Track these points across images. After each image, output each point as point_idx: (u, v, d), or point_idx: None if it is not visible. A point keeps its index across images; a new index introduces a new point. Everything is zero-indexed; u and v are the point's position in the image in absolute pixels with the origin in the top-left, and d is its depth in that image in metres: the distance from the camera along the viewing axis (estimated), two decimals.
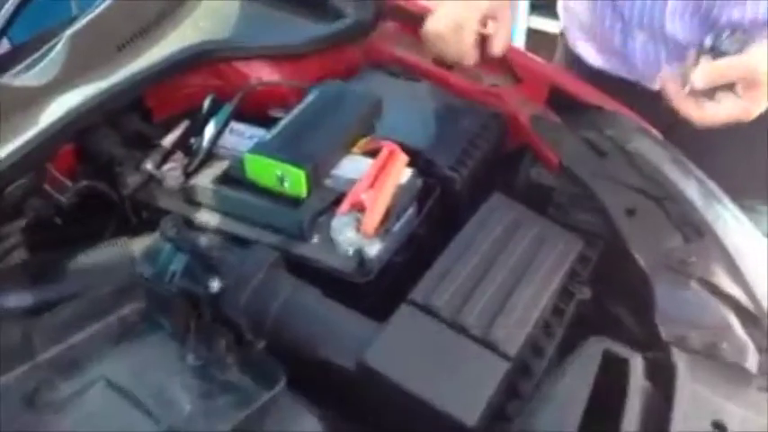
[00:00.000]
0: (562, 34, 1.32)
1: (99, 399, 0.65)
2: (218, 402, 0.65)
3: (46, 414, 0.64)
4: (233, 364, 0.67)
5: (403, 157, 0.88)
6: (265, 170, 0.85)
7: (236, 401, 0.65)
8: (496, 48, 1.03)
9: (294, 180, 0.84)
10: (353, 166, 0.89)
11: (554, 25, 2.46)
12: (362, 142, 0.91)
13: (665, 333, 0.76)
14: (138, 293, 0.73)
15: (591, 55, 1.24)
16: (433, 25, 1.03)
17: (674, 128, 0.96)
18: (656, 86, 1.09)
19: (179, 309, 0.70)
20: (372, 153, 0.89)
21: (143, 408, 0.63)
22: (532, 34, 2.52)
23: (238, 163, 0.87)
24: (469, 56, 1.03)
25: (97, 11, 0.92)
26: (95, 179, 0.88)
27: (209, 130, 0.92)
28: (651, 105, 0.99)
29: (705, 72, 0.88)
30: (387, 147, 0.88)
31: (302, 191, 0.84)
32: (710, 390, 0.70)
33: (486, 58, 1.05)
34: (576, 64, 1.27)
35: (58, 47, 0.87)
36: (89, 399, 0.65)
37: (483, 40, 1.04)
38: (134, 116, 0.95)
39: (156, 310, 0.72)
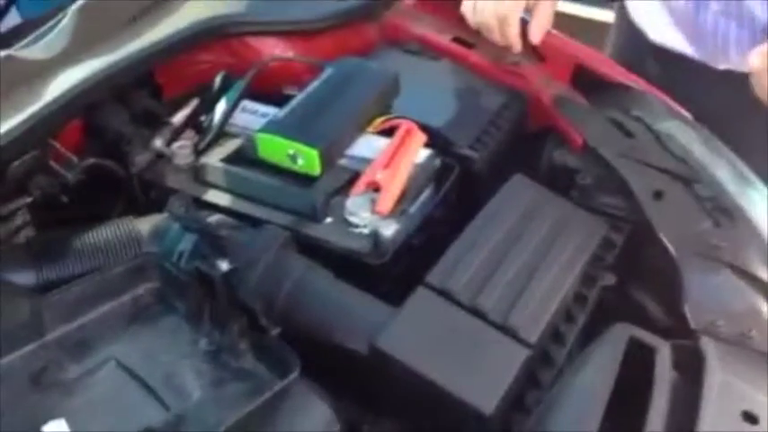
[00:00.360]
0: (621, 7, 1.27)
1: (107, 380, 0.63)
2: (229, 390, 0.62)
3: (52, 394, 0.62)
4: (246, 350, 0.65)
5: (420, 137, 0.85)
6: (277, 149, 0.82)
7: (247, 389, 0.62)
8: (535, 36, 0.99)
9: (307, 160, 0.81)
10: (369, 146, 0.86)
11: (574, 7, 2.42)
12: (378, 121, 0.88)
13: (693, 321, 0.73)
14: (153, 274, 0.70)
15: (656, 29, 1.16)
16: (478, 18, 0.99)
17: (730, 113, 0.92)
18: (719, 66, 1.06)
19: (193, 291, 0.67)
20: (388, 132, 0.86)
21: (152, 392, 0.61)
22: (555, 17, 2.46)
23: (250, 142, 0.85)
24: (516, 46, 0.99)
25: None
26: (103, 157, 0.86)
27: (221, 108, 0.89)
28: (711, 87, 0.94)
29: None
30: (404, 125, 0.85)
31: (315, 170, 0.81)
32: (741, 379, 0.67)
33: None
34: (634, 39, 1.20)
35: (66, 20, 0.85)
36: (97, 380, 0.63)
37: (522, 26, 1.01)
38: (143, 93, 0.92)
39: (171, 292, 0.70)
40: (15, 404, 0.60)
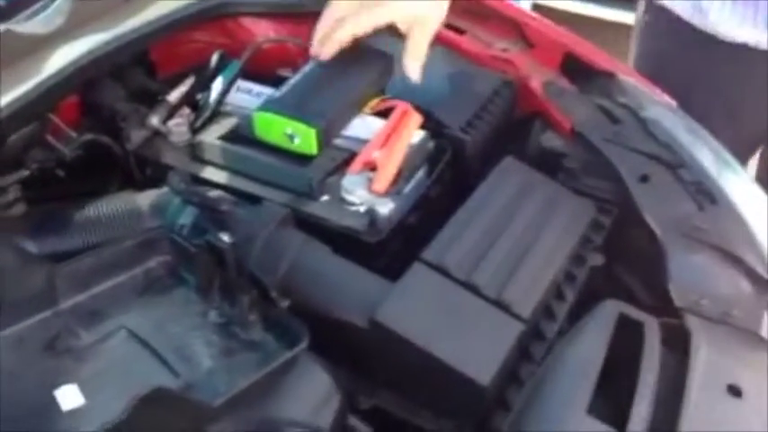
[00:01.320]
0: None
1: (119, 348, 0.64)
2: (238, 359, 0.64)
3: (65, 360, 0.63)
4: (256, 322, 0.66)
5: (416, 118, 0.86)
6: (275, 128, 0.83)
7: (256, 360, 0.64)
8: (413, 72, 0.86)
9: (304, 138, 0.82)
10: (365, 126, 0.87)
11: (559, 2, 2.45)
12: (374, 102, 0.89)
13: (677, 300, 0.75)
14: (165, 246, 0.72)
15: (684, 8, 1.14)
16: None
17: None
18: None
19: (204, 264, 0.68)
20: (384, 113, 0.88)
21: (163, 360, 0.63)
22: (537, 10, 2.49)
23: (247, 120, 0.85)
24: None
25: None
26: (100, 133, 0.86)
27: (217, 87, 0.90)
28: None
29: None
30: (400, 107, 0.87)
31: (313, 149, 0.82)
32: (725, 355, 0.70)
33: (495, 23, 1.04)
34: (661, 20, 1.19)
35: None
36: (109, 347, 0.64)
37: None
38: (139, 70, 0.93)
39: (182, 265, 0.71)
40: (29, 369, 0.61)
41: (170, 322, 0.67)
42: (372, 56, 0.91)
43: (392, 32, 0.86)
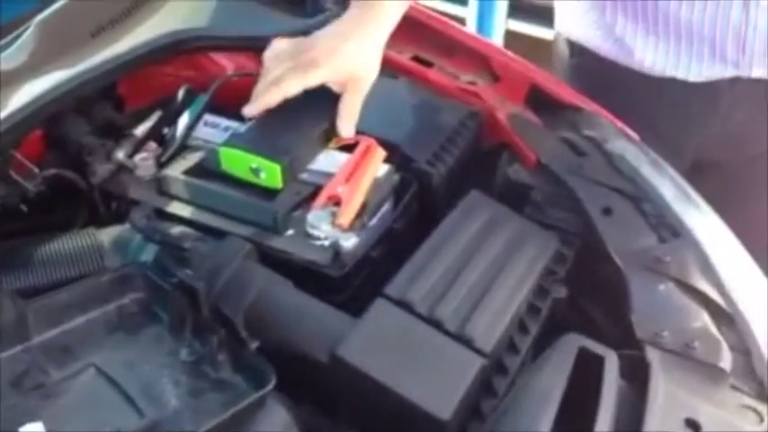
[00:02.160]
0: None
1: (87, 386, 0.64)
2: (205, 399, 0.64)
3: (32, 397, 0.63)
4: (225, 362, 0.67)
5: (380, 152, 0.87)
6: (240, 163, 0.83)
7: (223, 400, 0.64)
8: (346, 131, 0.88)
9: (270, 174, 0.82)
10: (330, 160, 0.87)
11: (531, 29, 2.49)
12: (339, 137, 0.89)
13: (639, 331, 0.76)
14: (139, 283, 0.72)
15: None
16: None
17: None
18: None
19: (177, 302, 0.69)
20: (349, 148, 0.88)
21: (129, 400, 0.62)
22: (511, 36, 2.53)
23: (213, 155, 0.86)
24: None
25: None
26: (64, 167, 0.86)
27: (183, 121, 0.90)
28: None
29: None
30: (364, 141, 0.87)
31: (278, 184, 0.83)
32: (684, 388, 0.70)
33: (462, 56, 1.05)
34: (589, 61, 1.20)
35: (29, 31, 0.85)
36: (77, 385, 0.64)
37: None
38: (105, 104, 0.93)
39: (156, 302, 0.71)
40: None
41: (140, 360, 0.67)
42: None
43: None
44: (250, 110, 0.87)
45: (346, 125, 0.88)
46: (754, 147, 1.16)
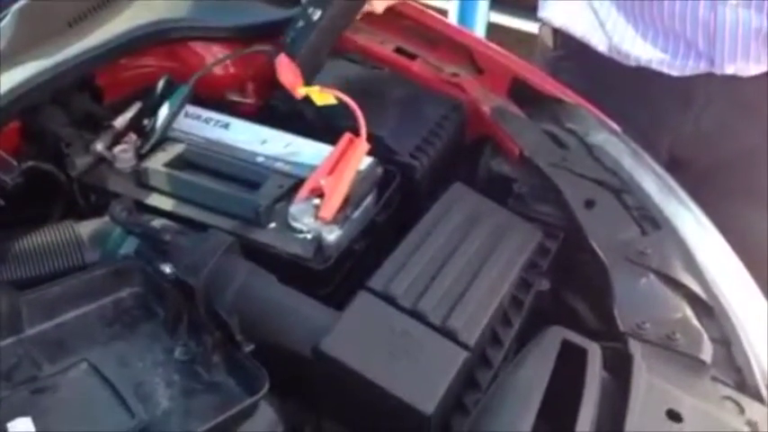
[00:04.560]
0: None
1: (79, 382, 0.63)
2: (197, 402, 0.63)
3: (22, 391, 0.62)
4: (219, 364, 0.66)
5: (363, 145, 0.86)
6: None
7: (215, 403, 0.63)
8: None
9: None
10: (313, 153, 0.87)
11: (513, 21, 2.49)
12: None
13: (621, 323, 0.76)
14: (137, 277, 0.71)
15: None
16: None
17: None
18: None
19: (174, 299, 0.68)
20: (332, 141, 0.87)
21: (120, 398, 0.61)
22: (493, 29, 2.53)
23: None
24: None
25: None
26: (42, 160, 0.85)
27: (164, 112, 0.89)
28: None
29: None
30: (347, 134, 0.87)
31: None
32: (666, 380, 0.71)
33: (445, 48, 1.05)
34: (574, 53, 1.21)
35: (5, 21, 0.84)
36: (68, 381, 0.63)
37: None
38: (84, 96, 0.91)
39: (152, 298, 0.70)
40: None
41: (134, 357, 0.66)
42: None
43: None
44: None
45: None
46: (727, 148, 1.16)
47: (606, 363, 0.71)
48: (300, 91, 0.89)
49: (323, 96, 0.89)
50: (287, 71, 0.90)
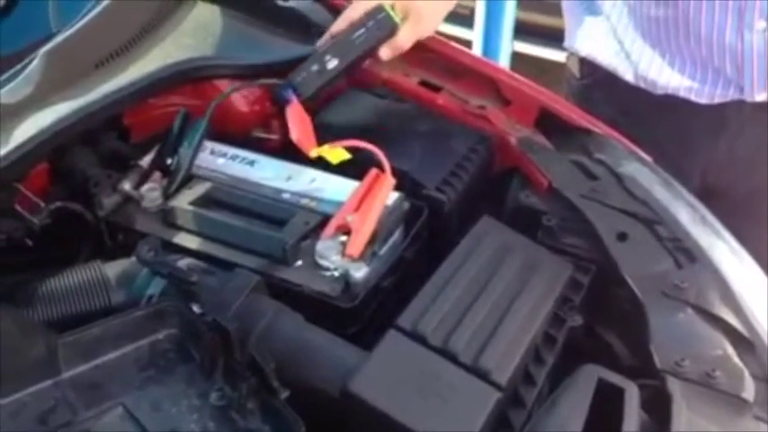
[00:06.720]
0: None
1: (112, 428, 0.62)
2: None
3: None
4: (254, 410, 0.64)
5: (390, 180, 0.85)
6: None
7: None
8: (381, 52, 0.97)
9: None
10: (339, 188, 0.86)
11: (538, 50, 2.48)
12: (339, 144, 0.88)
13: (659, 361, 0.74)
14: (173, 320, 0.70)
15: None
16: None
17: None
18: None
19: (210, 342, 0.67)
20: (359, 176, 0.86)
21: None
22: (517, 58, 2.52)
23: None
24: None
25: (75, 27, 0.90)
26: (70, 200, 0.85)
27: (185, 149, 0.89)
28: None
29: None
30: (373, 170, 0.86)
31: None
32: (707, 420, 0.68)
33: (471, 80, 1.04)
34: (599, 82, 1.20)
35: (34, 63, 0.84)
36: (103, 427, 0.62)
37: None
38: (111, 135, 0.92)
39: (189, 340, 0.69)
40: None
41: (169, 401, 0.65)
42: None
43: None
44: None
45: (388, 51, 0.95)
46: (762, 175, 1.14)
47: (644, 402, 0.69)
48: (313, 153, 0.88)
49: (336, 154, 0.87)
50: (299, 127, 0.89)
